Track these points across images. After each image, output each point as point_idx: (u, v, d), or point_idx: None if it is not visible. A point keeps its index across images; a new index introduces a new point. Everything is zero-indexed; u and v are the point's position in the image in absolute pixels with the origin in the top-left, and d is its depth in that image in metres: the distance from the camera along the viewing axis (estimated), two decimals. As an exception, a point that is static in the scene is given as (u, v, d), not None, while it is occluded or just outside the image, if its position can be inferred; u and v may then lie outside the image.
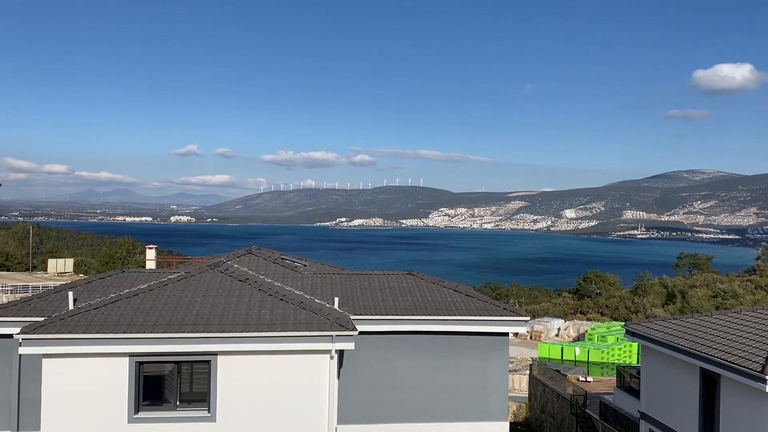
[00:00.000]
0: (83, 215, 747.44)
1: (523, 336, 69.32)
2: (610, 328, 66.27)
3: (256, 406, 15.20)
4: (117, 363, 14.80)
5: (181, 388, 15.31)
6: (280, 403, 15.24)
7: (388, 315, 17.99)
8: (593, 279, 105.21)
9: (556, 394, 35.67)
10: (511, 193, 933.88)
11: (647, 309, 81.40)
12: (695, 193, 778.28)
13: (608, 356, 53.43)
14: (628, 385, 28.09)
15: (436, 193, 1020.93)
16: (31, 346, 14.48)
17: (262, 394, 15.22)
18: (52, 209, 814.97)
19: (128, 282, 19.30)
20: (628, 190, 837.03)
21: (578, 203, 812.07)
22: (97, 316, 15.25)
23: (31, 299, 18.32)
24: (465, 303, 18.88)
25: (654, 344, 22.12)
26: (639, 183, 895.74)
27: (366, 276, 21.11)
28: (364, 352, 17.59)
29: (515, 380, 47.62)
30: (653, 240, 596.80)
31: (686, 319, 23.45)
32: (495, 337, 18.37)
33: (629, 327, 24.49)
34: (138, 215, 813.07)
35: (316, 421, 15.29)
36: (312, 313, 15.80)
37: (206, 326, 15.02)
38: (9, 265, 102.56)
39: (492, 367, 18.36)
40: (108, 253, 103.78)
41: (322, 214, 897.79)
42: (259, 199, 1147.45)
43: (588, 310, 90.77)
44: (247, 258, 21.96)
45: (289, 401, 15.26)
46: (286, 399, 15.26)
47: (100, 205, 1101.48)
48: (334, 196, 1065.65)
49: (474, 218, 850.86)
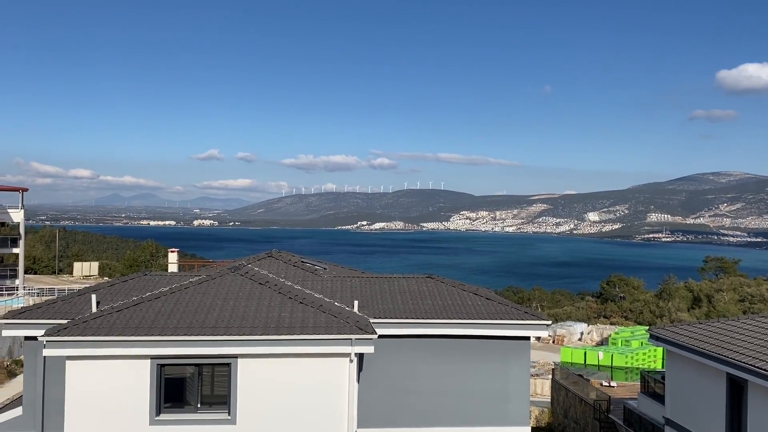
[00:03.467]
0: (108, 219, 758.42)
1: (546, 340, 68.66)
2: (634, 332, 65.35)
3: (276, 409, 15.22)
4: (139, 365, 14.93)
5: (202, 391, 15.39)
6: (299, 407, 15.24)
7: (407, 318, 17.91)
8: (617, 282, 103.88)
9: (579, 399, 35.24)
10: (533, 195, 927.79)
11: (672, 313, 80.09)
12: (721, 196, 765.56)
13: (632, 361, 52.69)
14: (653, 391, 27.64)
15: (456, 196, 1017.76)
16: (55, 348, 14.67)
17: (281, 397, 15.24)
18: (78, 213, 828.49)
19: (150, 285, 19.48)
20: (652, 192, 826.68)
21: (601, 206, 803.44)
22: (120, 318, 15.40)
23: (55, 302, 18.58)
24: (486, 306, 18.74)
25: (679, 349, 21.74)
26: (663, 185, 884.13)
27: (386, 279, 21.06)
28: (383, 356, 17.53)
29: (537, 385, 47.14)
30: (678, 243, 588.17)
31: (712, 323, 23.03)
32: (516, 341, 18.19)
33: (654, 331, 24.11)
34: (162, 219, 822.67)
35: (335, 425, 15.26)
36: (331, 317, 15.79)
37: (227, 329, 15.09)
38: (36, 268, 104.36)
39: (513, 372, 18.18)
40: (132, 257, 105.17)
41: (343, 217, 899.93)
42: (281, 202, 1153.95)
43: (611, 314, 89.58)
44: (268, 261, 22.05)
45: (308, 404, 15.26)
46: (306, 402, 15.26)
47: (125, 209, 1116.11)
48: (354, 199, 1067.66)
49: (495, 221, 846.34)
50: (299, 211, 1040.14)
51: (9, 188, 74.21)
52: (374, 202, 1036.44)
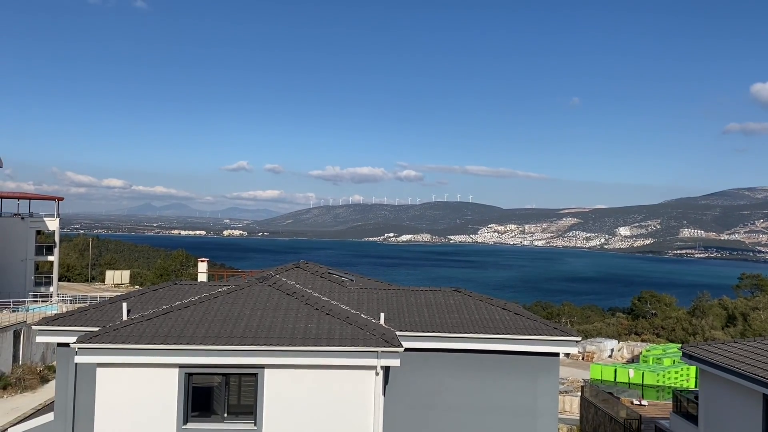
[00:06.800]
0: (140, 228, 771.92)
1: (575, 357, 67.60)
2: (666, 350, 64.01)
3: (302, 420, 15.21)
4: (167, 374, 15.07)
5: (229, 401, 15.46)
6: (325, 418, 15.21)
7: (434, 332, 17.77)
8: (648, 299, 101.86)
9: (608, 418, 34.54)
10: (562, 209, 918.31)
11: (706, 331, 78.20)
12: (757, 211, 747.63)
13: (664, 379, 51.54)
14: (686, 410, 26.94)
15: (484, 209, 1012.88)
16: (86, 355, 14.90)
17: (307, 409, 15.23)
18: (111, 222, 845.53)
19: (180, 294, 19.70)
20: (685, 207, 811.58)
21: (633, 221, 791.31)
22: (149, 327, 15.59)
23: (87, 309, 18.90)
24: (514, 321, 18.52)
25: (713, 368, 21.18)
26: (697, 200, 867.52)
27: (412, 292, 20.98)
28: (409, 370, 17.41)
29: (566, 402, 46.39)
30: (712, 260, 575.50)
31: (748, 342, 22.40)
32: (545, 357, 17.91)
33: (686, 349, 23.54)
34: (192, 229, 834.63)
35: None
36: (358, 329, 15.76)
37: (254, 339, 15.16)
38: (70, 275, 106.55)
39: (541, 388, 17.88)
40: (162, 266, 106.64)
41: (370, 229, 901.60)
42: (309, 213, 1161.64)
43: (643, 331, 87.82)
44: (295, 272, 22.15)
45: (334, 416, 15.22)
46: (331, 414, 15.22)
47: (157, 218, 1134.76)
48: (382, 211, 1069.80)
49: (524, 235, 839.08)
50: (327, 223, 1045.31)
51: (46, 197, 75.98)
52: (401, 214, 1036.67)
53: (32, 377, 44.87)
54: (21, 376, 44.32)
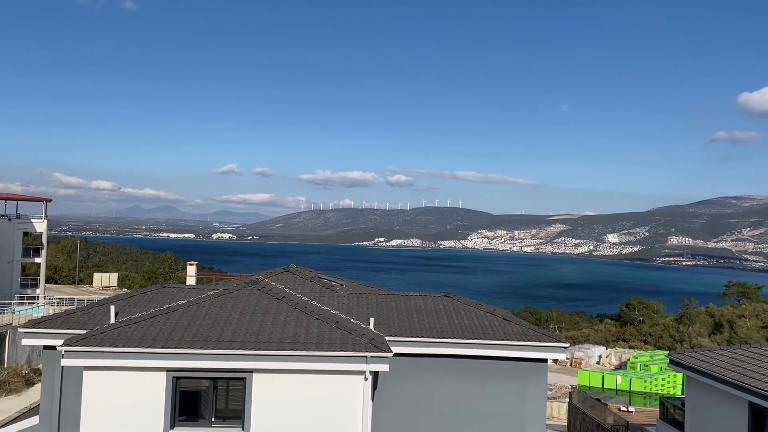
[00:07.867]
0: (129, 231, 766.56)
1: (563, 363, 67.82)
2: (653, 356, 64.44)
3: (290, 424, 15.16)
4: (154, 377, 14.98)
5: (217, 405, 15.39)
6: (313, 423, 15.17)
7: (423, 337, 17.80)
8: (636, 306, 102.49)
9: (596, 424, 34.67)
10: (552, 216, 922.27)
11: (692, 338, 78.71)
12: (744, 220, 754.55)
13: (651, 386, 51.85)
14: (672, 417, 27.08)
15: (474, 214, 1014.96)
16: (72, 358, 14.78)
17: (295, 413, 15.19)
18: (99, 224, 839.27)
19: (168, 297, 19.61)
20: (673, 215, 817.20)
21: (621, 228, 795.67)
22: (137, 330, 15.50)
23: (74, 312, 18.76)
24: (503, 327, 18.57)
25: (700, 375, 21.33)
26: (685, 208, 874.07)
27: (402, 297, 20.99)
28: (398, 375, 17.42)
29: (554, 408, 46.52)
30: (699, 267, 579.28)
31: (734, 350, 22.58)
32: (533, 363, 17.98)
33: (673, 356, 23.70)
34: (181, 232, 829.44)
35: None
36: (347, 333, 15.75)
37: (242, 343, 15.11)
38: (57, 278, 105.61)
39: (530, 394, 17.94)
40: (151, 269, 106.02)
41: (360, 233, 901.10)
42: (299, 217, 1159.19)
43: (630, 338, 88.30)
44: (285, 276, 22.12)
45: (322, 421, 15.18)
46: (320, 419, 15.18)
47: (145, 221, 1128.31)
48: (372, 215, 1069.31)
49: (514, 241, 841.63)
50: (317, 227, 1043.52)
51: (33, 198, 75.38)
52: (392, 218, 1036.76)
53: (17, 380, 44.42)
54: (6, 379, 43.87)
